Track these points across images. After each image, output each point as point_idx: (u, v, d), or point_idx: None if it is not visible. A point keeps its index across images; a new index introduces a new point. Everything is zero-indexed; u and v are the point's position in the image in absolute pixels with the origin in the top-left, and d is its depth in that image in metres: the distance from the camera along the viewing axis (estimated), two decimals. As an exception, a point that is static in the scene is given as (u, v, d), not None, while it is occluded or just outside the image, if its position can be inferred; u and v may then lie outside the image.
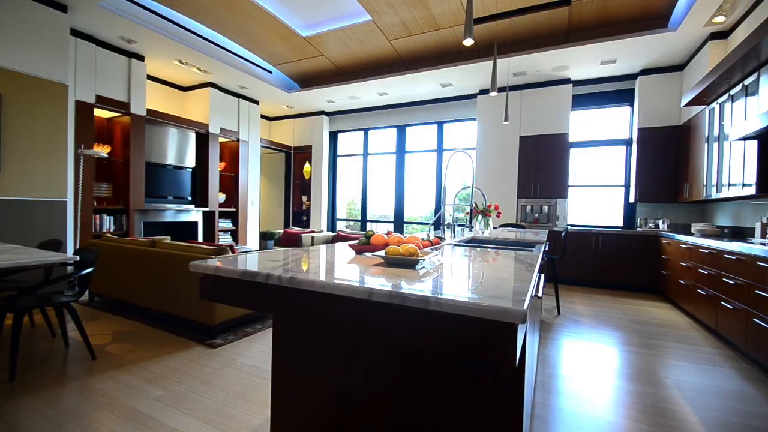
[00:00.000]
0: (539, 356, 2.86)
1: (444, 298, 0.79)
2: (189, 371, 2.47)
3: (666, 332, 3.48)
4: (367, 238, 1.50)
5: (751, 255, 2.69)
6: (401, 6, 4.38)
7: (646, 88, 5.29)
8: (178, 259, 3.15)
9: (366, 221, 8.09)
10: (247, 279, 1.09)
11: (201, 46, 5.03)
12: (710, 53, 4.21)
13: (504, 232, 3.86)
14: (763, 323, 2.52)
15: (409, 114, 7.28)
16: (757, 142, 3.08)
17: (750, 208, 3.86)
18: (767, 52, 2.90)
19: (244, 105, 6.79)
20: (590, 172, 6.13)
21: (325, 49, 5.48)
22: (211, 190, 6.17)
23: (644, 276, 5.06)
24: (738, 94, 3.53)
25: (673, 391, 2.32)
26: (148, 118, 5.31)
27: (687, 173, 4.75)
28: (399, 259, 1.18)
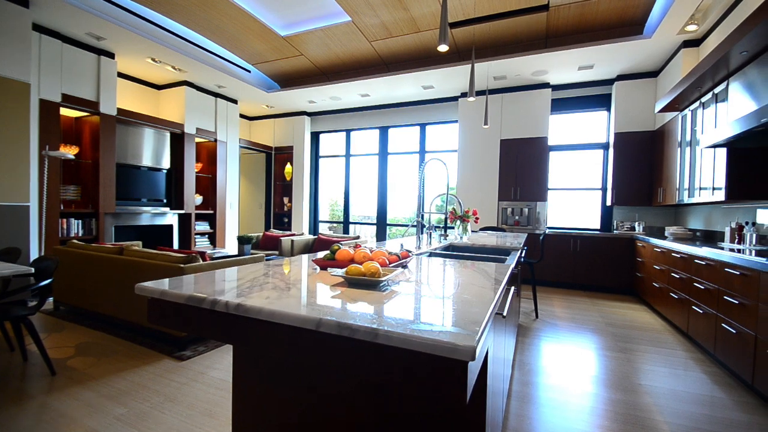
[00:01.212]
0: (516, 363, 2.86)
1: (393, 332, 0.74)
2: (154, 386, 2.36)
3: (641, 335, 3.53)
4: (333, 254, 1.45)
5: (719, 261, 2.74)
6: (381, 7, 4.32)
7: (622, 94, 5.38)
8: (146, 267, 3.02)
9: (349, 223, 8.02)
10: (193, 304, 1.02)
11: (175, 43, 4.87)
12: (683, 60, 4.30)
13: (483, 236, 3.86)
14: (730, 328, 2.57)
15: (392, 115, 7.24)
16: (726, 149, 3.14)
17: (720, 212, 3.96)
18: (736, 61, 2.96)
19: (221, 104, 6.62)
20: (569, 175, 6.21)
21: (304, 49, 5.38)
22: (187, 192, 5.99)
23: (621, 278, 5.15)
24: (708, 102, 3.60)
25: (645, 397, 2.34)
26: (119, 118, 5.11)
27: (661, 178, 4.85)
28: (360, 280, 1.13)
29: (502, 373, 1.78)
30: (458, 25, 4.57)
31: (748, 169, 3.09)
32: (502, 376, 1.79)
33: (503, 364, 1.82)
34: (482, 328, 0.78)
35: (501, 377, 1.71)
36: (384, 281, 1.13)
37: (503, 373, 1.84)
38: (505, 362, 1.98)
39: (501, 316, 1.21)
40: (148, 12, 4.47)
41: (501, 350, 1.65)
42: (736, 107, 3.10)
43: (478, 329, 0.77)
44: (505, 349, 2.03)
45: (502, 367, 1.78)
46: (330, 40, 5.14)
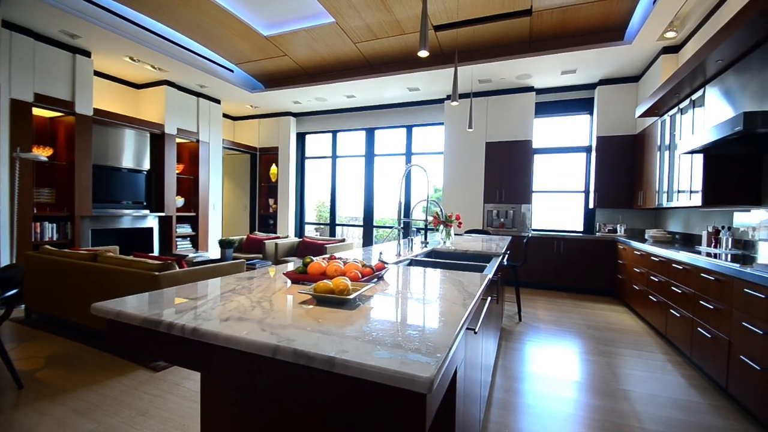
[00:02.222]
0: (499, 368, 2.85)
1: (350, 362, 0.71)
2: (127, 400, 2.29)
3: (621, 338, 3.57)
4: (305, 266, 1.41)
5: (695, 266, 2.79)
6: (365, 9, 4.28)
7: (604, 98, 5.45)
8: (121, 274, 2.93)
9: (335, 225, 7.96)
10: (149, 327, 0.97)
11: (154, 42, 4.75)
12: (663, 66, 4.37)
13: (467, 240, 3.86)
14: (706, 333, 2.61)
15: (378, 117, 7.21)
16: (702, 155, 3.20)
17: (698, 216, 4.03)
18: (711, 69, 3.01)
19: (204, 104, 6.49)
20: (553, 178, 6.27)
21: (288, 49, 5.31)
22: (167, 194, 5.86)
23: (603, 280, 5.21)
24: (686, 108, 3.67)
25: (625, 403, 2.36)
26: (96, 118, 4.96)
27: (642, 181, 4.92)
28: (328, 298, 1.09)
29: (480, 380, 1.77)
30: (442, 29, 4.57)
31: (723, 174, 3.15)
32: (480, 382, 1.77)
33: (481, 371, 1.81)
34: (444, 356, 0.75)
35: (478, 384, 1.70)
36: (353, 298, 1.10)
37: (481, 381, 1.83)
38: (483, 369, 1.97)
39: (473, 332, 1.18)
40: (125, 10, 4.35)
41: (478, 358, 1.63)
42: (712, 113, 3.15)
43: (440, 356, 0.74)
44: (485, 357, 2.02)
45: (480, 374, 1.77)
46: (314, 41, 5.08)
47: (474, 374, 1.52)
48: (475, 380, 1.55)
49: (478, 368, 1.65)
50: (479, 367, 1.71)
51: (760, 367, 2.01)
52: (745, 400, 2.17)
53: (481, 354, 1.76)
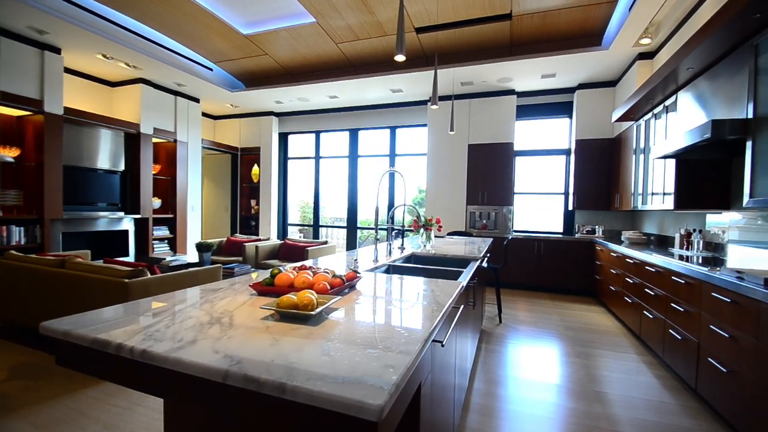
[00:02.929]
0: (478, 372, 2.86)
1: (300, 387, 0.69)
2: (94, 413, 2.20)
3: (598, 338, 3.63)
4: (272, 278, 1.37)
5: (667, 269, 2.85)
6: (346, 10, 4.24)
7: (583, 102, 5.54)
8: (89, 282, 2.82)
9: (319, 226, 7.89)
10: (98, 348, 0.93)
11: (128, 39, 4.60)
12: (638, 72, 4.46)
13: (448, 243, 3.86)
14: (676, 334, 2.67)
15: (362, 118, 7.17)
16: (675, 160, 3.27)
17: (672, 218, 4.13)
18: (683, 77, 3.09)
19: (182, 103, 6.33)
20: (534, 179, 6.35)
21: (269, 48, 5.22)
22: (143, 196, 5.69)
23: (582, 281, 5.30)
24: (660, 113, 3.75)
25: (601, 406, 2.38)
26: (67, 117, 4.77)
27: (618, 184, 5.03)
28: (290, 313, 1.06)
29: (453, 387, 1.76)
30: (424, 31, 4.56)
31: (695, 179, 3.22)
32: (453, 389, 1.77)
33: (455, 377, 1.81)
34: (400, 378, 0.73)
35: (451, 391, 1.69)
36: (316, 314, 1.07)
37: (455, 387, 1.82)
38: (459, 374, 1.97)
39: (440, 345, 1.17)
40: (97, 6, 4.19)
41: (450, 366, 1.62)
42: (685, 119, 3.23)
43: (396, 378, 0.72)
44: (461, 362, 2.01)
45: (454, 380, 1.76)
46: (295, 41, 5.01)
47: (446, 382, 1.51)
48: (447, 388, 1.54)
49: (451, 375, 1.65)
50: (453, 374, 1.71)
51: (726, 369, 2.06)
52: (713, 401, 2.23)
53: (454, 361, 1.75)
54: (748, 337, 1.88)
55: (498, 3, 4.01)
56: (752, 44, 2.34)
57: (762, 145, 2.22)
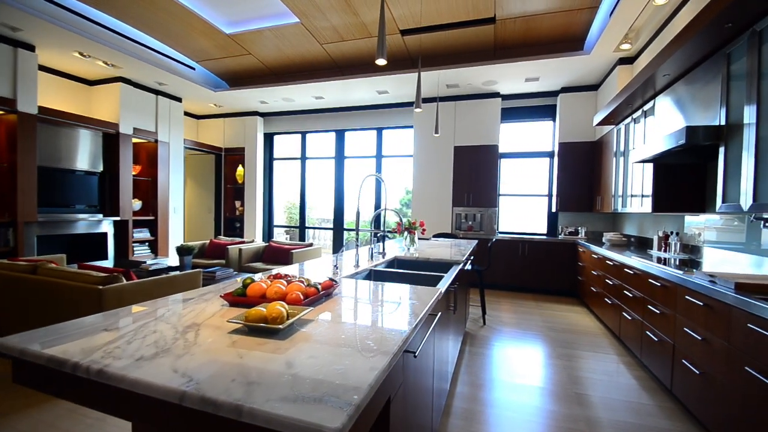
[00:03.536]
0: (462, 375, 2.86)
1: (258, 410, 0.66)
2: (64, 425, 2.13)
3: (580, 339, 3.68)
4: (244, 288, 1.34)
5: (644, 271, 2.90)
6: (330, 11, 4.21)
7: (566, 105, 5.61)
8: (62, 288, 2.73)
9: (305, 228, 7.83)
10: (54, 367, 0.89)
11: (105, 37, 4.48)
12: (619, 77, 4.54)
13: (432, 245, 3.86)
14: (653, 336, 2.72)
15: (348, 119, 7.13)
16: (652, 164, 3.34)
17: (651, 220, 4.22)
18: (660, 82, 3.15)
19: (163, 102, 6.20)
20: (519, 181, 6.41)
21: (252, 48, 5.15)
22: (123, 197, 5.55)
23: (565, 281, 5.38)
24: (639, 117, 3.82)
25: (582, 409, 2.40)
26: (42, 117, 4.62)
27: (600, 187, 5.11)
28: (258, 327, 1.04)
29: (431, 393, 1.76)
30: (408, 33, 4.56)
31: (671, 182, 3.29)
32: (431, 395, 1.76)
33: (433, 381, 1.80)
34: (363, 398, 0.72)
35: (429, 397, 1.68)
36: (285, 328, 1.05)
37: (433, 394, 1.82)
38: (439, 378, 1.96)
39: (413, 356, 1.16)
40: (72, 2, 4.07)
41: (428, 373, 1.62)
42: (662, 123, 3.30)
43: (357, 398, 0.71)
44: (441, 366, 2.01)
45: (431, 386, 1.75)
46: (279, 41, 4.95)
47: (423, 390, 1.50)
48: (424, 396, 1.53)
49: (429, 382, 1.64)
50: (431, 381, 1.70)
51: (699, 371, 2.11)
52: (687, 402, 2.28)
53: (432, 368, 1.75)
54: (720, 339, 1.92)
55: (482, 7, 4.03)
56: (725, 53, 2.39)
57: (734, 151, 2.28)
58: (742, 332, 1.74)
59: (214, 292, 1.52)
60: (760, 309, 1.62)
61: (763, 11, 2.02)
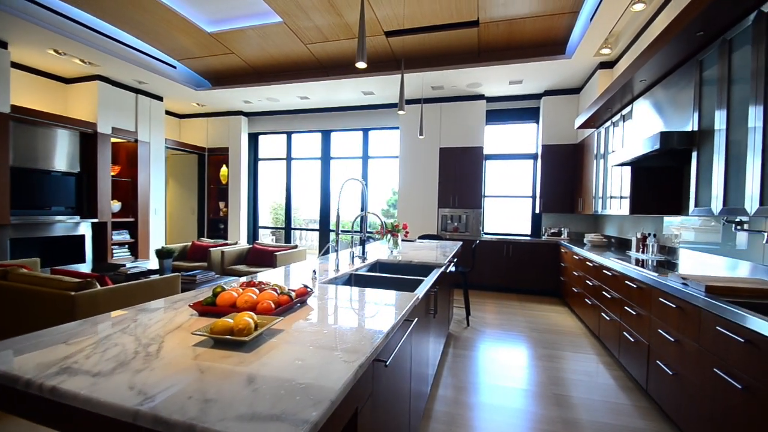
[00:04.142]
0: (444, 378, 2.86)
1: (210, 429, 0.65)
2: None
3: (561, 339, 3.73)
4: (214, 297, 1.31)
5: (622, 273, 2.95)
6: (313, 11, 4.17)
7: (549, 108, 5.69)
8: (33, 294, 2.64)
9: (291, 229, 7.76)
10: (5, 383, 0.85)
11: (81, 34, 4.35)
12: (599, 81, 4.62)
13: (416, 247, 3.87)
14: (629, 336, 2.78)
15: (334, 119, 7.09)
16: (630, 167, 3.40)
17: (631, 221, 4.30)
18: (638, 87, 3.21)
19: (143, 101, 6.06)
20: (504, 183, 6.47)
21: (235, 47, 5.08)
22: (101, 199, 5.41)
23: (548, 282, 5.45)
24: (618, 121, 3.89)
25: (562, 410, 2.42)
26: (14, 116, 4.47)
27: (581, 189, 5.19)
28: (222, 339, 1.02)
29: (408, 399, 1.75)
30: (393, 35, 4.55)
31: (649, 185, 3.35)
32: (408, 399, 1.76)
33: (410, 384, 1.80)
34: (320, 415, 0.70)
35: (405, 402, 1.68)
36: (251, 339, 1.02)
37: (410, 398, 1.81)
38: (419, 381, 1.96)
39: (383, 365, 1.15)
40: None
41: (404, 379, 1.61)
42: (639, 128, 3.37)
43: (316, 414, 0.69)
44: (421, 367, 2.01)
45: (408, 391, 1.75)
46: (263, 40, 4.89)
47: (397, 398, 1.49)
48: (398, 403, 1.52)
49: (405, 389, 1.64)
50: (407, 387, 1.70)
51: (672, 371, 2.15)
52: (661, 402, 2.32)
53: (409, 374, 1.75)
54: (691, 341, 1.97)
55: (465, 10, 4.05)
56: (697, 60, 2.45)
57: (705, 157, 2.34)
58: (711, 334, 1.79)
59: (185, 300, 1.48)
60: (726, 312, 1.66)
61: (732, 21, 2.08)
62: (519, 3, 3.89)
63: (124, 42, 4.75)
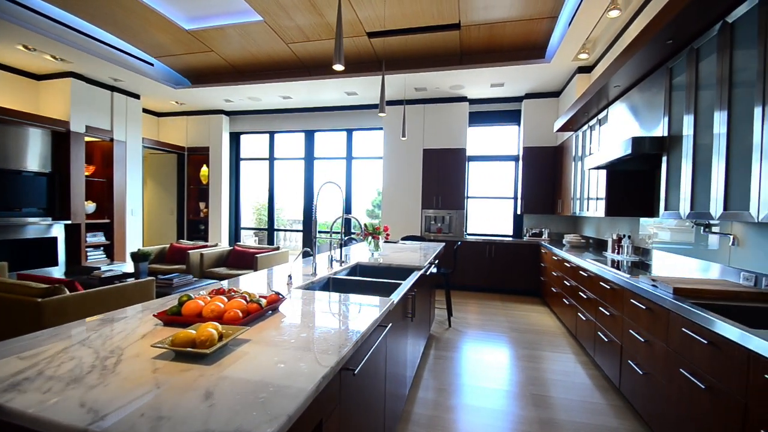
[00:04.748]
0: (425, 380, 2.87)
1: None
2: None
3: (541, 339, 3.79)
4: (179, 306, 1.28)
5: (597, 274, 3.02)
6: (294, 10, 4.13)
7: (530, 111, 5.77)
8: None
9: (274, 230, 7.67)
10: (-55, 404, 0.81)
11: (53, 30, 4.20)
12: (578, 85, 4.71)
13: (398, 249, 3.87)
14: (603, 336, 2.84)
15: (317, 119, 7.04)
16: (606, 171, 3.48)
17: (608, 222, 4.40)
18: (612, 93, 3.28)
19: (119, 99, 5.89)
20: (487, 184, 6.54)
21: (215, 45, 4.98)
22: (74, 199, 5.23)
23: (529, 282, 5.53)
24: (594, 125, 3.98)
25: (540, 411, 2.45)
26: (-21, 113, 4.29)
27: (561, 191, 5.29)
28: (183, 352, 0.99)
29: (383, 400, 1.75)
30: (376, 36, 4.54)
31: (624, 188, 3.43)
32: (383, 401, 1.75)
33: (386, 391, 1.79)
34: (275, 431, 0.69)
35: (377, 408, 1.67)
36: (213, 352, 1.00)
37: (385, 401, 1.81)
38: (395, 384, 1.96)
39: (351, 373, 1.14)
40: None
41: (379, 383, 1.61)
42: (614, 132, 3.44)
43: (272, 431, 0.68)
44: (399, 368, 2.01)
45: (383, 395, 1.74)
46: (243, 39, 4.81)
47: (369, 404, 1.49)
48: (370, 409, 1.52)
49: (378, 394, 1.63)
50: (382, 392, 1.69)
51: (642, 371, 2.21)
52: (633, 401, 2.38)
53: (384, 379, 1.74)
54: (660, 342, 2.02)
55: (446, 13, 4.07)
56: (667, 67, 2.52)
57: (675, 161, 2.40)
58: (677, 335, 1.84)
59: (151, 309, 1.44)
60: (691, 313, 1.71)
61: (699, 30, 2.14)
62: (499, 7, 3.94)
63: (98, 38, 4.61)
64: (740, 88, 1.84)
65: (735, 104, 1.87)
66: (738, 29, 1.88)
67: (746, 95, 1.79)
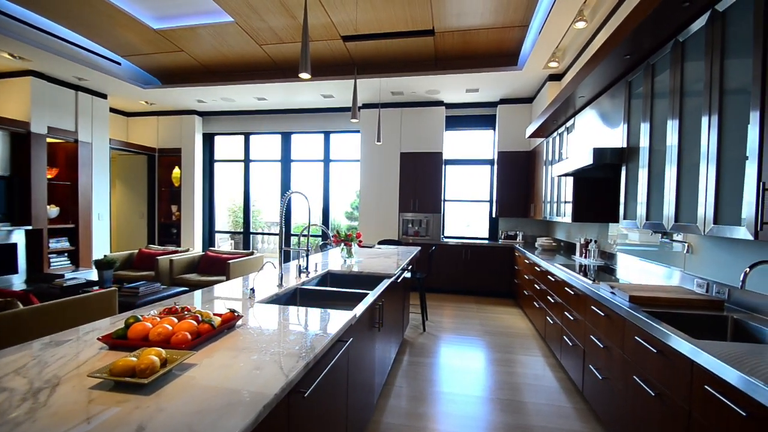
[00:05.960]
0: (396, 388, 2.87)
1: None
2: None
3: (513, 342, 3.87)
4: (126, 328, 1.24)
5: (562, 280, 3.10)
6: (265, 11, 4.06)
7: (504, 116, 5.87)
8: (-60, 315, 2.39)
9: (249, 233, 7.54)
10: None
11: (8, 27, 4.00)
12: (549, 92, 4.82)
13: (372, 254, 3.86)
14: (568, 340, 2.91)
15: (294, 121, 6.96)
16: (573, 178, 3.57)
17: (577, 227, 4.53)
18: (578, 102, 3.37)
19: (84, 99, 5.66)
20: (463, 187, 6.62)
21: (185, 45, 4.85)
22: (35, 203, 5.00)
23: (503, 284, 5.63)
24: (563, 133, 4.08)
25: (503, 416, 2.49)
26: (-72, 113, 4.04)
27: (533, 195, 5.40)
28: (122, 381, 0.95)
29: (343, 416, 1.74)
30: (351, 39, 4.52)
31: (589, 195, 3.53)
32: (343, 418, 1.74)
33: (349, 404, 1.78)
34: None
35: (337, 422, 1.67)
36: (152, 381, 0.97)
37: (347, 417, 1.80)
38: (364, 393, 1.95)
39: (302, 396, 1.13)
40: (-37, -16, 3.59)
41: (338, 400, 1.60)
42: (580, 140, 3.54)
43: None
44: (368, 376, 2.00)
45: (343, 412, 1.74)
46: (215, 39, 4.71)
47: (328, 419, 1.48)
48: (330, 423, 1.51)
49: (337, 409, 1.62)
50: (341, 407, 1.69)
51: (602, 376, 2.28)
52: (594, 404, 2.46)
53: (344, 396, 1.74)
54: (617, 348, 2.09)
55: (420, 19, 4.09)
56: (627, 81, 2.61)
57: (632, 172, 2.49)
58: (631, 343, 1.90)
59: (99, 331, 1.39)
60: (642, 322, 1.77)
61: (654, 47, 2.22)
62: (472, 15, 3.98)
63: (61, 36, 4.42)
64: (690, 99, 1.92)
65: (686, 116, 1.95)
66: (688, 47, 1.96)
67: (695, 108, 1.87)
